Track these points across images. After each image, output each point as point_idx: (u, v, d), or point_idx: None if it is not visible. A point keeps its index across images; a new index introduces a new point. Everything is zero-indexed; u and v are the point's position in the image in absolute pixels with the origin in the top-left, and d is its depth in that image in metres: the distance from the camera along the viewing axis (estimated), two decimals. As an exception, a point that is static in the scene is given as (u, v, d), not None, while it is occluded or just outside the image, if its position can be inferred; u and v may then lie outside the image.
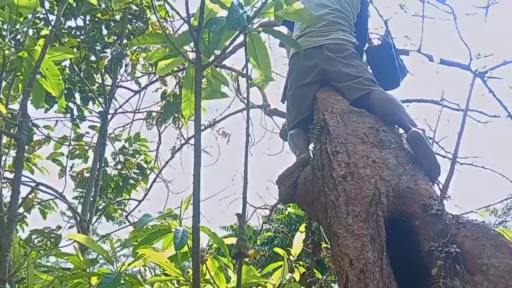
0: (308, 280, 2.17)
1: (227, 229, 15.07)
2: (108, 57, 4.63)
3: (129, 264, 3.01)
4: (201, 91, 2.22)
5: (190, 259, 2.54)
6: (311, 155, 2.34)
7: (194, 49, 2.52)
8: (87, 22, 4.59)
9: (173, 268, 2.54)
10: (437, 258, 1.63)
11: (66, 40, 4.29)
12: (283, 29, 3.77)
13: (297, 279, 3.11)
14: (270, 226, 8.08)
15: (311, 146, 2.52)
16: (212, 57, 2.50)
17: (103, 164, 4.71)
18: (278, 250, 4.26)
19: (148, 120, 5.11)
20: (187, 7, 2.29)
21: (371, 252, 1.64)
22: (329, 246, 2.11)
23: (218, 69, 5.24)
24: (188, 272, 3.21)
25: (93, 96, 4.74)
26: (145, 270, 4.18)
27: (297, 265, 3.41)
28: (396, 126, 2.30)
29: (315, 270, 3.09)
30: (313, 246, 2.24)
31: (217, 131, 6.18)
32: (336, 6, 2.95)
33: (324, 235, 2.86)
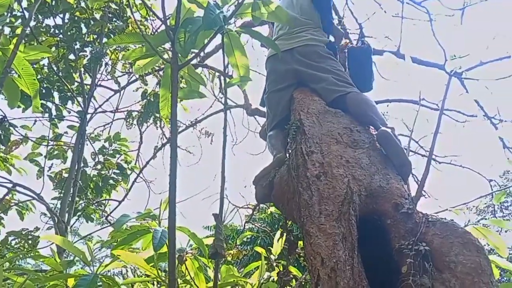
0: (282, 279, 2.18)
1: (210, 229, 15.02)
2: (87, 56, 4.58)
3: (106, 266, 2.98)
4: (177, 91, 2.21)
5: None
6: (287, 155, 2.36)
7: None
8: (66, 21, 4.53)
9: (149, 269, 2.52)
10: (407, 256, 1.66)
11: (44, 38, 4.23)
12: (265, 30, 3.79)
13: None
14: (253, 226, 8.10)
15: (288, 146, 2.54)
16: (189, 57, 2.48)
17: (82, 164, 4.65)
18: (259, 249, 4.27)
19: (128, 120, 5.07)
20: (163, 6, 2.28)
21: (342, 250, 1.66)
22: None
23: (200, 69, 5.25)
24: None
25: (72, 95, 4.68)
26: (127, 271, 4.15)
27: (278, 264, 3.42)
28: (370, 126, 2.32)
29: (292, 269, 3.11)
30: (288, 245, 2.25)
31: (199, 131, 6.17)
32: (300, 1, 2.98)
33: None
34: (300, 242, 2.70)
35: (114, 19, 4.61)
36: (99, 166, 5.07)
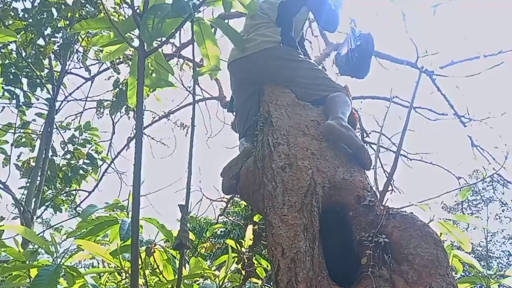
0: (246, 271, 2.17)
1: (186, 222, 14.91)
2: (58, 42, 4.46)
3: (70, 256, 2.92)
4: (143, 79, 2.16)
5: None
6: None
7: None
8: (36, 5, 4.39)
9: (111, 259, 2.47)
10: (367, 247, 1.67)
11: (11, 22, 4.09)
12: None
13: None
14: (227, 219, 8.08)
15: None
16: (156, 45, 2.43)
17: (50, 153, 4.54)
18: (230, 242, 4.26)
19: (99, 109, 4.97)
20: (131, -9, 2.22)
21: (303, 241, 1.66)
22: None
23: (180, 60, 5.18)
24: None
25: (41, 82, 4.55)
26: (98, 263, 4.09)
27: (249, 256, 3.42)
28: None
29: (263, 262, 3.12)
30: (254, 236, 2.24)
31: (174, 122, 6.10)
32: None
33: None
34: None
35: (86, 5, 4.49)
36: (68, 156, 4.95)
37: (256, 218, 3.30)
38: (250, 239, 2.58)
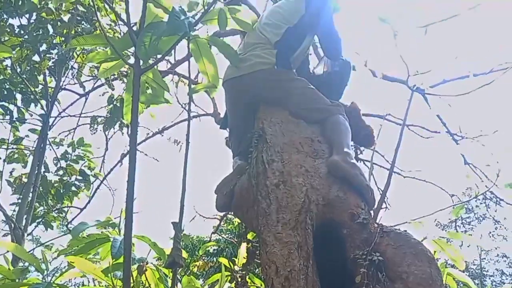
0: (239, 289, 2.15)
1: (179, 240, 14.76)
2: (53, 58, 4.48)
3: (61, 275, 2.88)
4: (138, 95, 2.17)
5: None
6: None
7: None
8: (32, 21, 4.42)
9: (102, 277, 2.44)
10: (361, 265, 1.67)
11: (7, 38, 4.11)
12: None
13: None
14: (220, 237, 8.02)
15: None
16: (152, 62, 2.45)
17: (43, 169, 4.51)
18: (223, 260, 4.22)
19: (92, 125, 4.96)
20: (127, 8, 2.25)
21: (297, 259, 1.65)
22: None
23: (175, 76, 5.20)
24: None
25: (35, 98, 4.55)
26: (88, 282, 4.03)
27: (242, 275, 3.39)
28: None
29: (256, 281, 3.09)
30: (247, 255, 2.23)
31: (168, 139, 6.10)
32: (271, 21, 2.67)
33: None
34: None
35: (82, 22, 4.53)
36: (61, 172, 4.92)
37: (249, 236, 3.29)
38: (244, 257, 2.57)
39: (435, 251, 2.84)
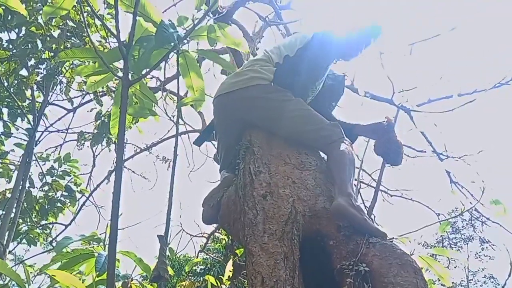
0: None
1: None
2: (41, 73, 4.46)
3: (42, 290, 2.82)
4: (126, 108, 2.18)
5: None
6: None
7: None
8: (21, 36, 4.42)
9: (86, 291, 2.39)
10: (348, 276, 1.66)
11: (-5, 52, 4.10)
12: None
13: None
14: (207, 255, 7.91)
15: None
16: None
17: (28, 185, 4.44)
18: (210, 278, 4.17)
19: (79, 141, 4.92)
20: (117, 21, 2.27)
21: (283, 270, 1.64)
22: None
23: (164, 93, 5.22)
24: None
25: (22, 112, 4.51)
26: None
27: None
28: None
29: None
30: (234, 268, 2.21)
31: (156, 156, 6.08)
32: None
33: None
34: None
35: (72, 37, 4.54)
36: (46, 188, 4.85)
37: (237, 251, 3.26)
38: (230, 271, 2.54)
39: (422, 268, 2.84)
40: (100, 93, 4.63)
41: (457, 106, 3.52)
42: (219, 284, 3.71)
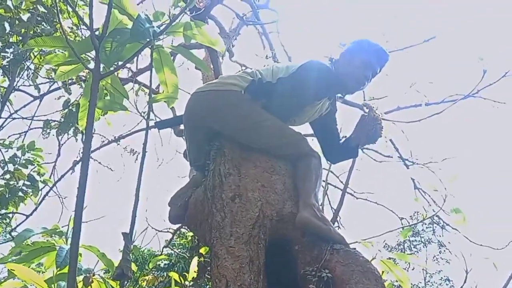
0: (188, 303, 2.12)
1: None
2: (8, 57, 4.30)
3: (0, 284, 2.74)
4: (96, 101, 2.12)
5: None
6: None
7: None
8: (-14, 17, 4.24)
9: (45, 287, 2.33)
10: (311, 282, 1.69)
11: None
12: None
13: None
14: (172, 251, 7.86)
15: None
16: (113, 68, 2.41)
17: (-13, 172, 4.28)
18: (173, 275, 4.15)
19: (45, 129, 4.77)
20: (91, 12, 2.21)
21: (248, 274, 1.65)
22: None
23: (136, 85, 5.12)
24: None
25: (-15, 97, 4.34)
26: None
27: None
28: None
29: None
30: (198, 269, 2.20)
31: (124, 148, 5.97)
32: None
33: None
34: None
35: (42, 23, 4.39)
36: (8, 176, 4.68)
37: (202, 251, 3.26)
38: (195, 271, 2.53)
39: (383, 272, 2.92)
40: (69, 81, 4.51)
41: (424, 117, 3.62)
42: (183, 281, 3.70)
